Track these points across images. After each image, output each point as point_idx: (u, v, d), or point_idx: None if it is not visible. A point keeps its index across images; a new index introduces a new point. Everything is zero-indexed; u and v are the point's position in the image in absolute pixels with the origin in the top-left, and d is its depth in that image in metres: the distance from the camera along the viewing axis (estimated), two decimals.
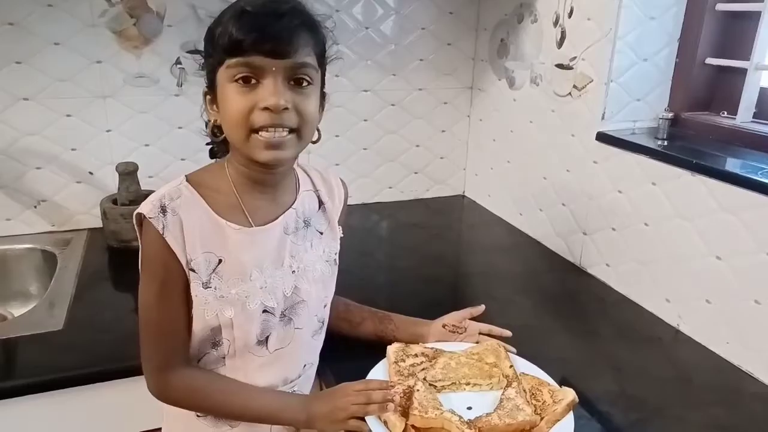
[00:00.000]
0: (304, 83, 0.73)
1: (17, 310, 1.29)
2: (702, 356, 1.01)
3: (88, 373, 0.95)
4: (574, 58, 1.26)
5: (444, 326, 0.97)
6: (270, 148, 0.73)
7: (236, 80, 0.71)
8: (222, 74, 0.72)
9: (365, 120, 1.63)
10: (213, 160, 0.85)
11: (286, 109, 0.71)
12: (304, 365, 0.87)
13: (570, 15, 1.26)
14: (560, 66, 1.31)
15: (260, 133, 0.72)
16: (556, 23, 1.31)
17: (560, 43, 1.30)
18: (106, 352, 0.99)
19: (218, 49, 0.72)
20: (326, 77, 0.80)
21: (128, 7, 1.33)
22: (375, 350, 0.91)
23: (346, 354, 0.94)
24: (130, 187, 1.34)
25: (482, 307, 1.01)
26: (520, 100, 1.48)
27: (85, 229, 1.45)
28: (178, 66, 1.40)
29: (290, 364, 0.85)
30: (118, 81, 1.38)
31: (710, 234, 1.00)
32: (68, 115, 1.37)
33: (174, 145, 1.46)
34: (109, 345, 1.01)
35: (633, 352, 1.02)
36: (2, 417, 0.93)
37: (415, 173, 1.74)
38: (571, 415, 0.79)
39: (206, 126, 0.81)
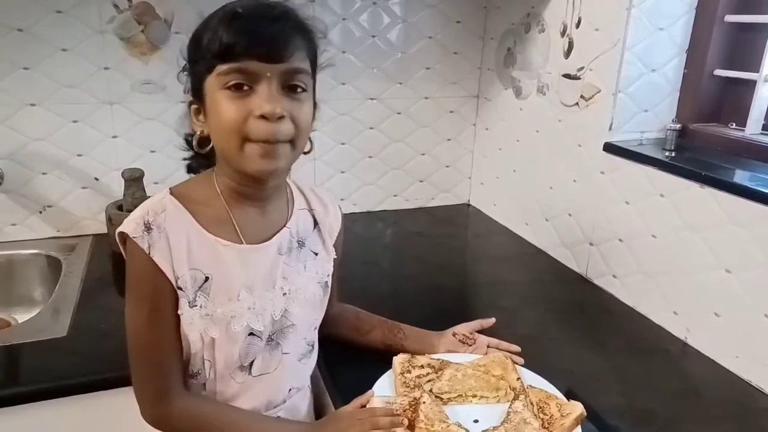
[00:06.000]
0: (299, 90, 0.70)
1: (21, 316, 1.29)
2: (710, 370, 1.00)
3: (92, 381, 0.94)
4: (582, 68, 1.26)
5: (454, 335, 0.96)
6: (265, 157, 0.69)
7: (228, 87, 0.68)
8: (212, 82, 0.69)
9: (371, 128, 1.63)
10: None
11: (282, 117, 0.68)
12: (290, 389, 0.85)
13: (578, 25, 1.26)
14: (567, 76, 1.31)
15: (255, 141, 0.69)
16: (563, 33, 1.31)
17: (568, 53, 1.30)
18: (111, 359, 0.98)
19: (207, 55, 0.68)
20: (333, 84, 0.78)
21: (136, 14, 1.34)
22: (381, 361, 0.91)
23: (352, 365, 0.93)
24: (136, 194, 1.34)
25: (493, 320, 1.00)
26: (526, 109, 1.48)
27: (90, 235, 1.44)
28: (186, 73, 1.40)
29: (274, 388, 0.82)
30: (125, 87, 1.38)
31: (719, 247, 1.00)
32: (75, 121, 1.37)
33: (180, 152, 1.45)
34: (114, 352, 0.99)
35: (640, 365, 1.01)
36: (5, 424, 0.92)
37: (421, 182, 1.74)
38: (579, 430, 0.78)
39: (186, 141, 0.78)
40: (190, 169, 0.82)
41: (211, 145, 0.74)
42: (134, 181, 1.34)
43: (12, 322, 1.29)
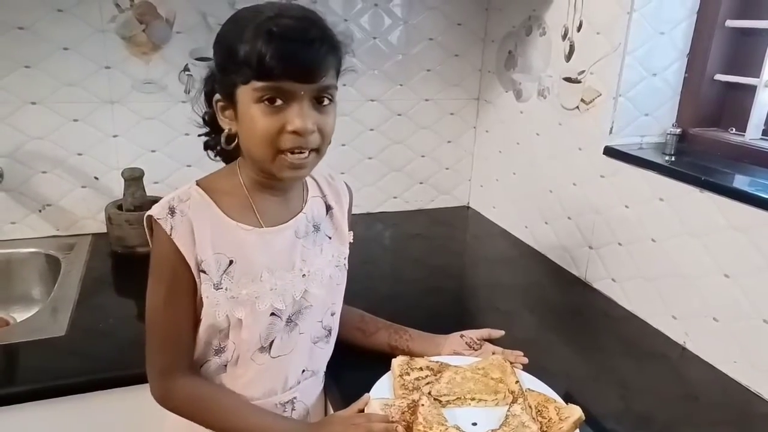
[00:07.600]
0: (326, 101, 0.74)
1: (20, 315, 1.29)
2: (709, 375, 1.00)
3: (90, 381, 0.94)
4: (583, 71, 1.26)
5: (462, 336, 0.97)
6: (293, 169, 0.75)
7: (263, 101, 0.71)
8: (246, 92, 0.72)
9: (371, 129, 1.63)
10: (218, 165, 0.85)
11: (313, 131, 0.73)
12: (303, 371, 0.87)
13: (579, 28, 1.26)
14: (568, 79, 1.31)
15: (286, 153, 0.73)
16: (564, 36, 1.31)
17: (569, 57, 1.30)
18: (109, 359, 0.99)
19: (243, 68, 0.70)
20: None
21: (138, 14, 1.34)
22: (380, 363, 0.91)
23: (351, 366, 0.93)
24: (136, 193, 1.34)
25: (502, 332, 1.00)
26: (527, 112, 1.48)
27: (89, 234, 1.44)
28: (187, 73, 1.41)
29: (290, 369, 0.85)
30: (126, 87, 1.38)
31: (718, 251, 1.00)
32: (75, 120, 1.37)
33: (180, 152, 1.46)
34: (112, 352, 1.00)
35: (639, 369, 1.01)
36: (3, 424, 0.92)
37: (420, 183, 1.74)
38: None
39: (203, 119, 0.81)
40: (207, 146, 0.85)
41: (236, 142, 0.78)
42: (134, 180, 1.34)
43: (10, 321, 1.28)
